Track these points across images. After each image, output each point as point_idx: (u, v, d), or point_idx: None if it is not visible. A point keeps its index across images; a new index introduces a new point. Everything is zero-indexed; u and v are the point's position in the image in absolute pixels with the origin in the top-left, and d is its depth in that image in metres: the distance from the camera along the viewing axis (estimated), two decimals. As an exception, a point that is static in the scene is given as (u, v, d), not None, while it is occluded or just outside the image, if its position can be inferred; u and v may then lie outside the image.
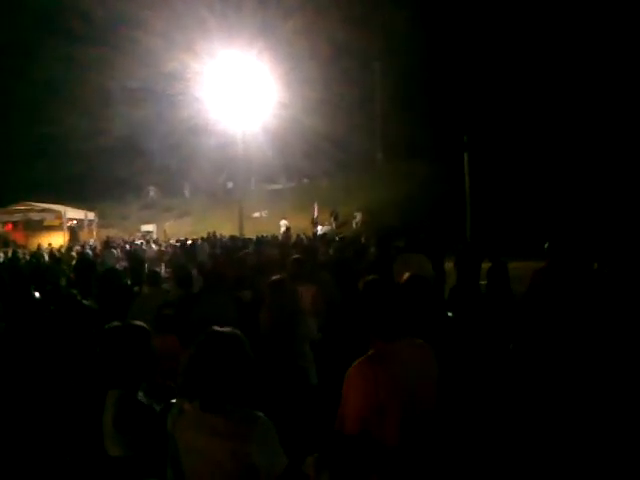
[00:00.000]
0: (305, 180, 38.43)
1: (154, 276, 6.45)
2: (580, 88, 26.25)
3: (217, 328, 2.31)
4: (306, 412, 3.76)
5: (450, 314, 3.75)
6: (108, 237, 21.83)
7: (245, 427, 2.17)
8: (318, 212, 29.53)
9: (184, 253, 14.26)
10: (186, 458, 2.26)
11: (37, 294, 5.40)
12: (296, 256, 5.87)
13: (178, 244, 18.16)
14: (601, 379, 3.85)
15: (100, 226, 33.68)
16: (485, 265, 6.47)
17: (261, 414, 2.24)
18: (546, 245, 5.41)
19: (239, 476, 2.14)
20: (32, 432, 4.03)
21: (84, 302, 5.27)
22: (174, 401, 2.54)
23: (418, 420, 2.48)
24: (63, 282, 9.32)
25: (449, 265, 7.80)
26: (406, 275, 3.61)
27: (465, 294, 4.74)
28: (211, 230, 21.61)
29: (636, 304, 4.10)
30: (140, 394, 2.64)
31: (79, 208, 32.68)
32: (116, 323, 2.74)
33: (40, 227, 31.09)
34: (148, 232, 30.36)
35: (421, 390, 2.53)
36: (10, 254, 18.72)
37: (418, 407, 2.49)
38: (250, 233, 21.44)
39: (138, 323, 2.76)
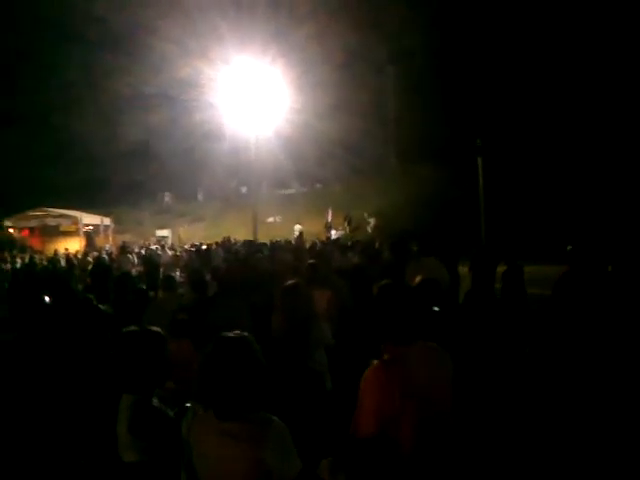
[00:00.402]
0: (318, 185, 38.48)
1: (169, 281, 6.49)
2: (597, 91, 26.03)
3: (226, 334, 2.30)
4: (321, 417, 3.76)
5: (436, 308, 3.69)
6: (124, 242, 21.99)
7: (260, 431, 2.16)
8: (332, 217, 29.54)
9: (199, 258, 14.33)
10: (200, 463, 2.25)
11: (47, 299, 5.44)
12: (311, 261, 5.88)
13: (193, 249, 18.24)
14: (618, 381, 3.81)
15: (116, 231, 33.95)
16: (500, 269, 6.45)
17: (275, 418, 2.24)
18: (569, 248, 5.32)
19: (253, 479, 2.14)
20: (46, 436, 4.06)
21: (100, 307, 5.32)
22: (188, 405, 2.56)
23: (434, 423, 2.47)
24: (80, 287, 9.41)
25: (464, 269, 7.77)
26: (418, 278, 3.61)
27: (480, 298, 4.71)
28: (225, 235, 21.68)
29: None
30: (154, 400, 2.66)
31: (95, 214, 32.99)
32: (133, 328, 2.76)
33: (56, 233, 31.40)
34: (163, 237, 30.55)
35: (436, 393, 2.52)
36: (27, 260, 18.93)
37: (434, 410, 2.49)
38: (264, 238, 21.49)
39: (154, 329, 2.78)
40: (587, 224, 17.12)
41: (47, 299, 5.44)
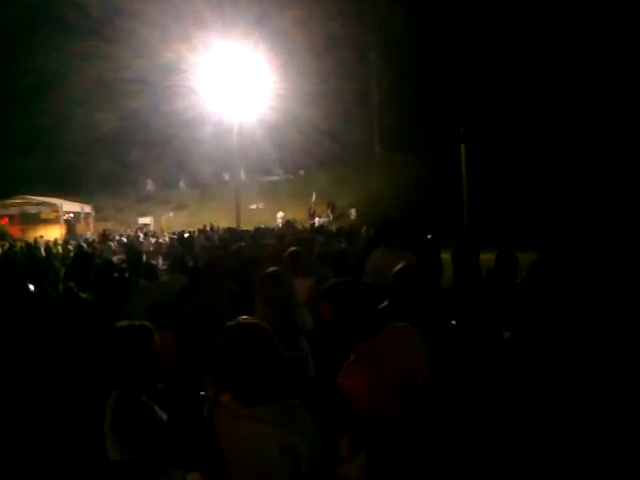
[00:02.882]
0: (301, 172, 38.37)
1: (150, 269, 6.44)
2: (575, 80, 26.24)
3: (238, 321, 2.33)
4: (304, 404, 3.77)
5: (454, 322, 3.74)
6: (105, 230, 21.77)
7: (285, 413, 2.23)
8: (316, 202, 29.50)
9: (181, 245, 14.25)
10: (228, 449, 2.29)
11: (32, 287, 5.40)
12: (293, 248, 5.85)
13: (175, 236, 18.15)
14: (598, 372, 3.87)
15: (96, 219, 33.58)
16: (485, 256, 6.48)
17: (296, 401, 2.29)
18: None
19: (283, 461, 2.20)
20: (33, 431, 4.04)
21: (81, 295, 5.29)
22: (203, 394, 2.60)
23: (415, 402, 2.52)
24: (60, 275, 9.31)
25: (447, 257, 7.81)
26: (399, 266, 3.62)
27: (462, 284, 4.74)
28: (207, 222, 21.60)
29: (628, 295, 4.11)
30: (143, 397, 2.60)
31: (75, 201, 32.58)
32: (124, 323, 2.69)
33: (36, 220, 30.94)
34: (145, 225, 30.28)
35: (411, 373, 2.59)
36: (6, 248, 18.65)
37: (413, 389, 2.56)
38: (247, 225, 21.43)
39: (141, 323, 2.70)
40: (569, 212, 17.32)
41: (31, 287, 5.39)
